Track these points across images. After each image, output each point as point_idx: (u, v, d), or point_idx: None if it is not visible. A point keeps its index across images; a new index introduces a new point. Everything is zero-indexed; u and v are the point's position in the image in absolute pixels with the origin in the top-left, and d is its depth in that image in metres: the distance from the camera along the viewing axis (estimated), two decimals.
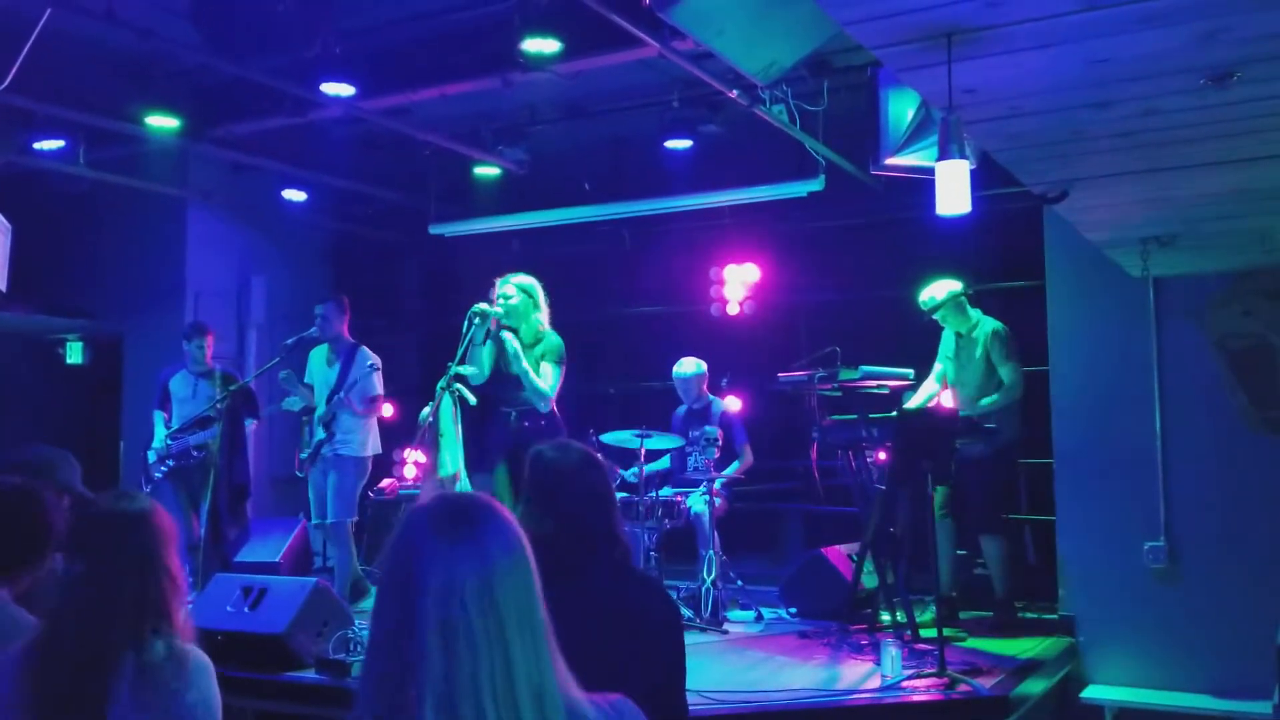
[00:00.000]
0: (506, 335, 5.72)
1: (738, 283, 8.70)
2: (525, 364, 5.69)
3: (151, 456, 7.38)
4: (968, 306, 6.47)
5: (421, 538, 1.47)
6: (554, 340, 5.85)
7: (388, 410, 7.22)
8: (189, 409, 7.27)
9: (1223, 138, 3.49)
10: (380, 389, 6.84)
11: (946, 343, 6.62)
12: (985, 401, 6.29)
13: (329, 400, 6.74)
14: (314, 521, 7.08)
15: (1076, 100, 3.15)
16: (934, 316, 6.44)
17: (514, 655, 1.41)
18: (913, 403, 6.53)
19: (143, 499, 2.35)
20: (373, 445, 6.87)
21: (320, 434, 6.75)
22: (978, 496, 6.34)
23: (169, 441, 7.29)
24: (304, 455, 6.84)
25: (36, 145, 7.44)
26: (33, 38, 4.66)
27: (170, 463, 7.29)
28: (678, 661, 2.63)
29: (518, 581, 1.46)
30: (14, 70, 5.52)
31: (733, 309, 8.69)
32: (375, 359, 6.82)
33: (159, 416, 7.50)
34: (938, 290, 6.41)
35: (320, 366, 6.94)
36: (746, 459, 7.32)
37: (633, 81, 7.23)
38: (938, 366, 6.62)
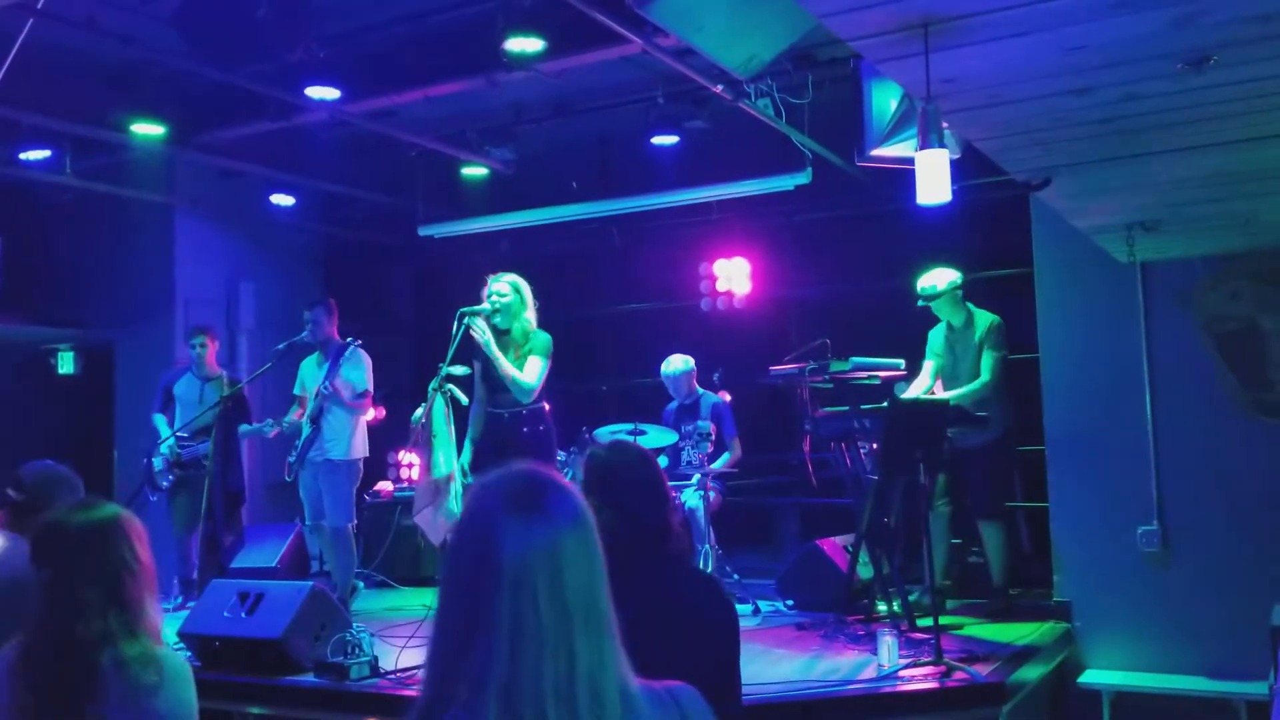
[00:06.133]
0: (475, 328, 5.71)
1: (727, 277, 8.71)
2: (496, 351, 5.71)
3: (158, 464, 7.25)
4: (961, 299, 6.51)
5: (496, 518, 1.41)
6: (543, 336, 5.92)
7: (370, 414, 7.15)
8: (194, 414, 7.19)
9: (1202, 121, 3.50)
10: (369, 384, 6.79)
11: (935, 339, 6.64)
12: (964, 390, 6.32)
13: (317, 394, 6.71)
14: (308, 523, 7.05)
15: (1055, 87, 3.16)
16: (930, 305, 6.47)
17: (578, 651, 1.38)
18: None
19: (106, 507, 2.42)
20: (361, 448, 6.84)
21: (307, 429, 6.67)
22: (980, 483, 6.40)
23: (179, 450, 7.20)
24: (291, 458, 6.70)
25: (22, 156, 7.42)
26: (14, 49, 4.64)
27: (179, 471, 7.21)
28: (732, 661, 2.64)
29: (585, 565, 1.42)
30: None
31: (723, 303, 8.70)
32: (366, 356, 6.80)
33: (161, 420, 7.39)
34: (939, 279, 6.45)
35: (311, 371, 6.91)
36: (735, 452, 7.35)
37: (618, 79, 7.23)
38: (929, 363, 6.64)
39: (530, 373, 5.76)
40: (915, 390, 6.55)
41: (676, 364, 7.44)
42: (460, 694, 1.36)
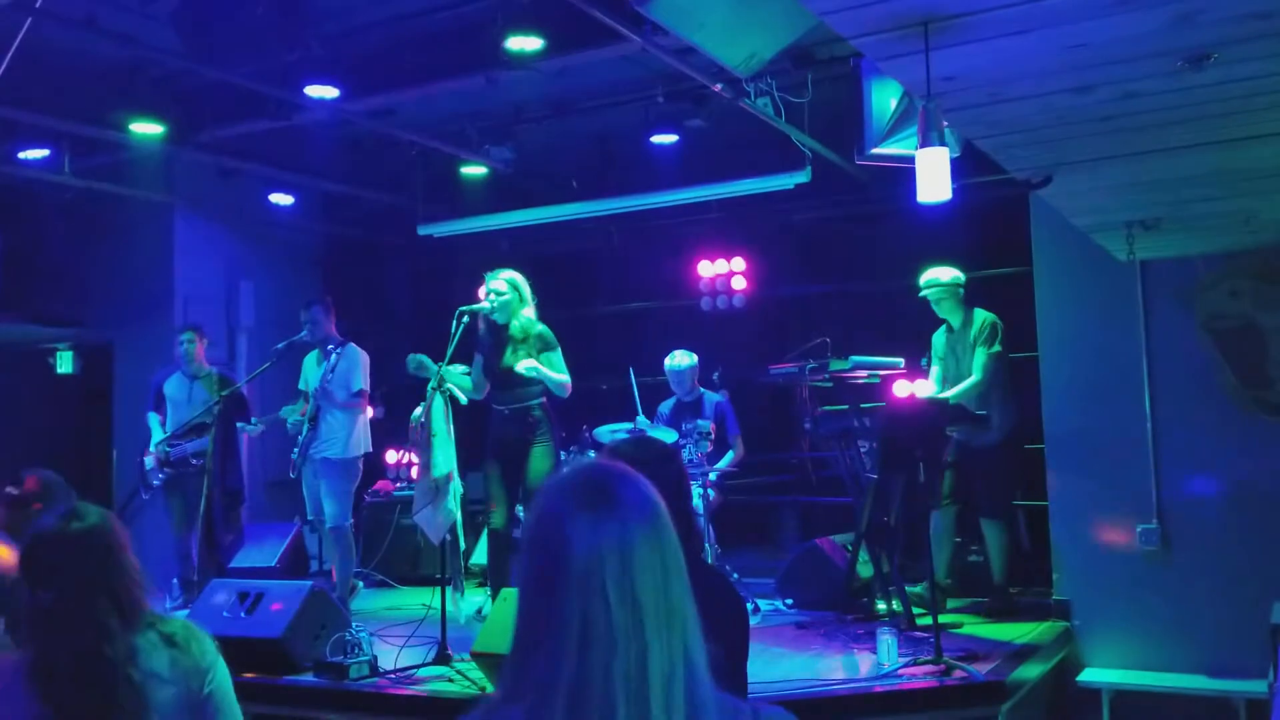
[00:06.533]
0: (529, 365, 5.93)
1: (726, 276, 8.71)
2: (546, 371, 5.96)
3: (149, 463, 7.28)
4: (961, 299, 6.52)
5: (565, 514, 1.38)
6: (545, 330, 6.08)
7: (369, 413, 7.15)
8: (184, 413, 7.20)
9: (1202, 119, 3.50)
10: (365, 384, 6.79)
11: (937, 343, 6.64)
12: (958, 390, 6.32)
13: (315, 394, 6.73)
14: (310, 518, 7.06)
15: (1055, 85, 3.16)
16: (931, 300, 6.47)
17: (651, 650, 1.33)
18: None
19: (92, 514, 2.37)
20: (361, 445, 6.83)
21: (305, 429, 6.69)
22: (984, 483, 6.40)
23: (166, 448, 7.21)
24: (295, 455, 6.75)
25: (21, 155, 7.41)
26: (13, 47, 4.64)
27: (168, 470, 7.23)
28: (741, 658, 2.64)
29: (658, 561, 1.38)
30: None
31: (722, 302, 8.70)
32: (363, 354, 6.82)
33: (154, 419, 7.42)
34: (943, 273, 6.47)
35: (312, 368, 6.92)
36: (739, 451, 7.34)
37: (617, 77, 7.22)
38: (935, 368, 6.64)
39: (560, 369, 6.06)
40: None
41: (681, 359, 7.44)
42: (526, 695, 1.33)
